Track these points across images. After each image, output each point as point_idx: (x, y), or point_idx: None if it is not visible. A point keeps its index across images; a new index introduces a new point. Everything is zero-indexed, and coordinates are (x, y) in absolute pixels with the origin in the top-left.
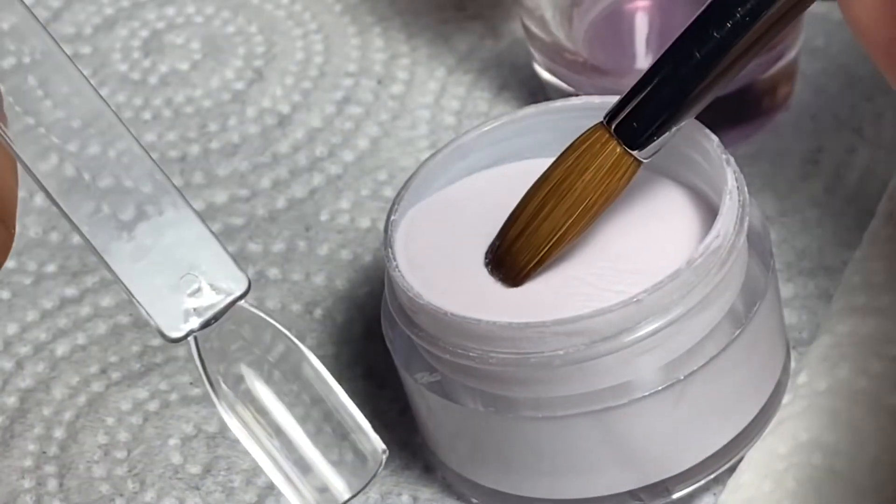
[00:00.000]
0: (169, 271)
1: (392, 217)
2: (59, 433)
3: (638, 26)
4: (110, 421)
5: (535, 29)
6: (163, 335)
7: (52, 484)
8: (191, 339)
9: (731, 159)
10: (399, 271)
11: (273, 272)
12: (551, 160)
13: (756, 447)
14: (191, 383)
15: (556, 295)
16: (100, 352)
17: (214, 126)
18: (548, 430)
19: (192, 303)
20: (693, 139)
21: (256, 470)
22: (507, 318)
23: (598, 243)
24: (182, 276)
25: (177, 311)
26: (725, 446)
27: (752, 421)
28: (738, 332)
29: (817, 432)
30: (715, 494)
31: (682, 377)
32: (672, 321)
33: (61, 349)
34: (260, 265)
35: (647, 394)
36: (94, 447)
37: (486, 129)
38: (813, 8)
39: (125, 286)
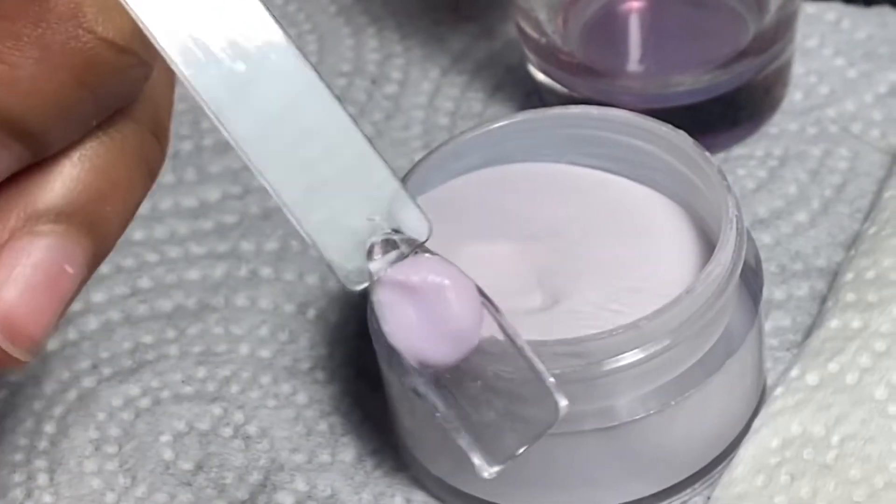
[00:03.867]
0: (352, 215)
1: None
2: (49, 428)
3: (632, 27)
4: (101, 416)
5: (529, 30)
6: (347, 286)
7: (42, 478)
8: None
9: (732, 185)
10: None
11: (266, 271)
12: (546, 165)
13: (749, 442)
14: (182, 381)
15: (553, 308)
16: (91, 348)
17: (207, 123)
18: (537, 445)
19: (372, 254)
20: (693, 161)
21: (249, 467)
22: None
23: (597, 257)
24: (365, 221)
25: (359, 263)
26: (707, 466)
27: (731, 443)
28: (727, 361)
29: (808, 426)
30: (708, 498)
31: (673, 403)
32: (668, 348)
33: (52, 344)
34: (253, 264)
35: (637, 417)
36: (85, 442)
37: (480, 131)
38: (806, 8)
39: (309, 236)
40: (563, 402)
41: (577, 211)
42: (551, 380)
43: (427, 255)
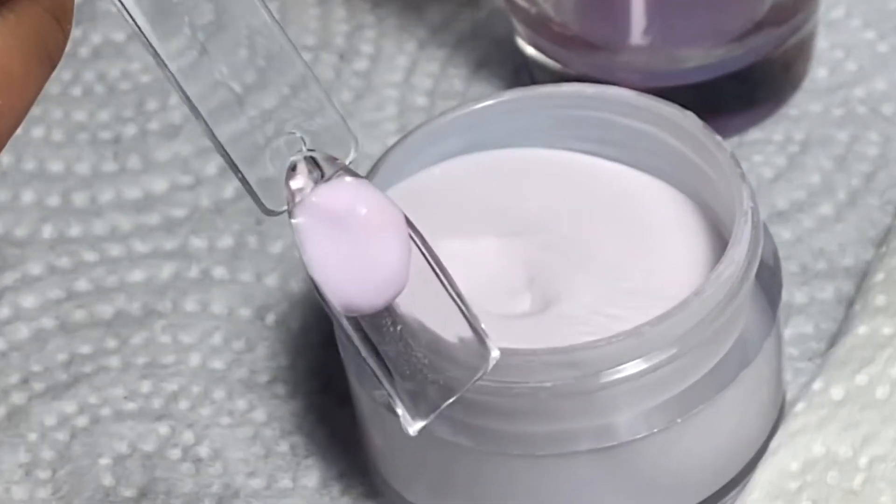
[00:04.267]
0: (271, 129)
1: None
2: None
3: None
4: (32, 437)
5: None
6: (264, 210)
7: None
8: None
9: (746, 174)
10: None
11: (219, 272)
12: (536, 150)
13: (765, 464)
14: (125, 397)
15: (544, 313)
16: (21, 359)
17: (153, 104)
18: (525, 469)
19: (294, 174)
20: (703, 147)
21: (199, 494)
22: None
23: (594, 255)
24: (285, 135)
25: (278, 184)
26: (718, 492)
27: (745, 466)
28: (741, 372)
29: (833, 446)
30: None
31: (679, 420)
32: (674, 357)
33: None
34: (204, 263)
35: (639, 437)
36: (14, 466)
37: (462, 112)
38: None
39: (224, 152)
40: (494, 352)
41: (571, 203)
42: (483, 326)
43: (350, 178)
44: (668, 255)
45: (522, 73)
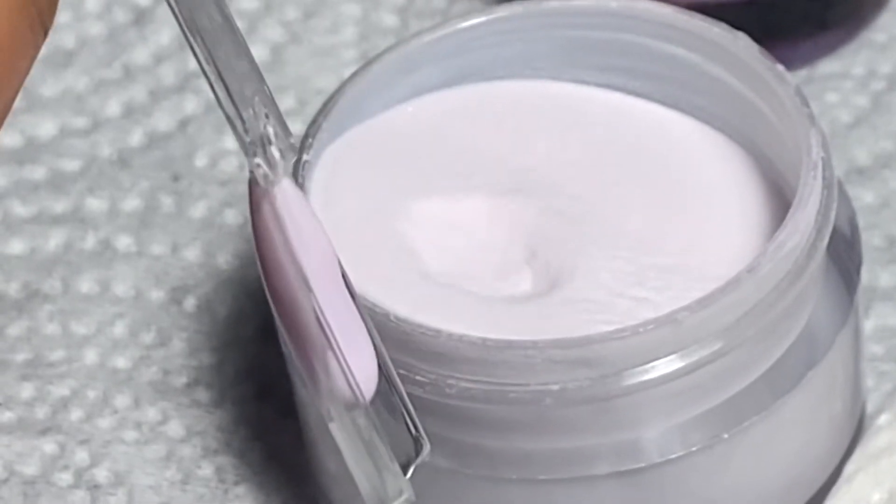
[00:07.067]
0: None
1: (303, 159)
2: None
3: None
4: None
5: None
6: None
7: None
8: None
9: (817, 117)
10: None
11: (124, 242)
12: (540, 84)
13: (838, 494)
14: (0, 403)
15: (549, 295)
16: None
17: None
18: (524, 498)
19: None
20: (759, 80)
21: None
22: (479, 328)
23: (614, 221)
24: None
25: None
26: None
27: (813, 497)
28: (807, 374)
29: None
30: None
31: (725, 436)
32: (719, 354)
33: None
34: (104, 231)
35: (673, 457)
36: None
37: (442, 34)
38: None
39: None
40: (426, 447)
41: (586, 152)
42: (411, 408)
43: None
44: (712, 220)
45: None
